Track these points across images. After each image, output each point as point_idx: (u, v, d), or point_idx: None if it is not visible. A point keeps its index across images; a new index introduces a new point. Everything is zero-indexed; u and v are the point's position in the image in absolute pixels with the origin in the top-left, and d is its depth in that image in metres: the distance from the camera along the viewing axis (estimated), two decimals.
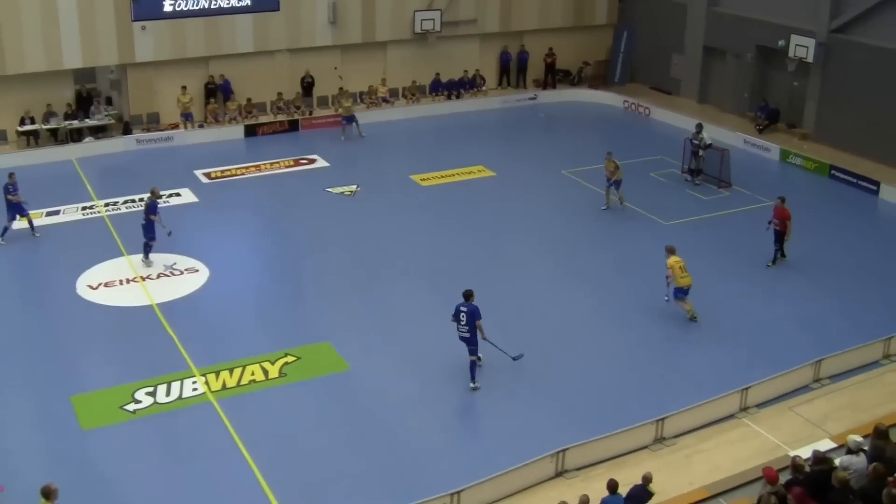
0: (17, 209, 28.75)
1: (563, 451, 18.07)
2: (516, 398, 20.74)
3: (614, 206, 31.15)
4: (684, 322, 24.01)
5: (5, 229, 28.55)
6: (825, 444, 18.16)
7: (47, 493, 15.40)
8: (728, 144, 35.80)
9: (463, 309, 20.86)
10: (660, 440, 19.02)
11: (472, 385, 21.05)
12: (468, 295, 20.97)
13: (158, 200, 27.80)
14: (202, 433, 19.51)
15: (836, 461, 15.80)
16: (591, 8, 46.78)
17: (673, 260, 24.19)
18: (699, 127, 34.27)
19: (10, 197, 28.59)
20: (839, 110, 36.77)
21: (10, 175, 29.11)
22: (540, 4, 45.49)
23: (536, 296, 25.47)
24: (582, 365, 22.08)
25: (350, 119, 39.20)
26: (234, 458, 18.59)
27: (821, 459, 15.69)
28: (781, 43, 38.06)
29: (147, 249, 27.22)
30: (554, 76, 46.16)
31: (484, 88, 44.67)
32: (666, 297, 24.67)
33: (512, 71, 46.13)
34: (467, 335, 20.93)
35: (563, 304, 25.13)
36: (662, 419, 19.04)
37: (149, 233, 27.07)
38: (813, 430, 19.32)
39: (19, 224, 28.77)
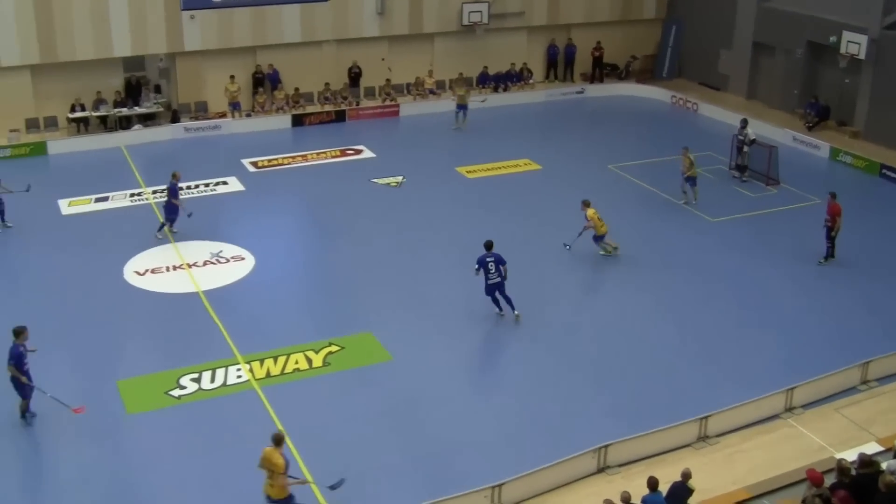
0: None
1: (606, 446, 18.01)
2: (559, 392, 20.68)
3: (689, 199, 31.08)
4: (730, 318, 23.88)
5: None
6: (871, 448, 17.92)
7: (278, 440, 15.94)
8: (777, 141, 35.46)
9: (490, 259, 23.18)
10: (703, 438, 18.90)
11: (515, 313, 23.53)
12: (490, 245, 23.42)
13: (179, 184, 28.35)
14: (245, 420, 19.63)
15: (883, 465, 15.62)
16: (639, 1, 46.54)
17: (591, 212, 26.56)
18: (744, 122, 34.00)
19: None
20: (891, 108, 36.30)
21: None
22: None
23: (581, 291, 25.43)
24: (626, 360, 21.98)
25: (463, 108, 39.05)
26: None
27: (867, 463, 15.50)
28: (833, 39, 37.60)
29: (163, 225, 28.09)
30: (601, 70, 45.95)
31: (531, 81, 44.56)
32: (566, 245, 27.10)
33: (559, 64, 45.97)
34: (498, 279, 23.33)
35: (607, 299, 25.07)
36: (706, 417, 18.92)
37: (170, 214, 27.92)
38: (859, 432, 19.10)
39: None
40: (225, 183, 32.93)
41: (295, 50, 40.71)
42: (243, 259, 26.91)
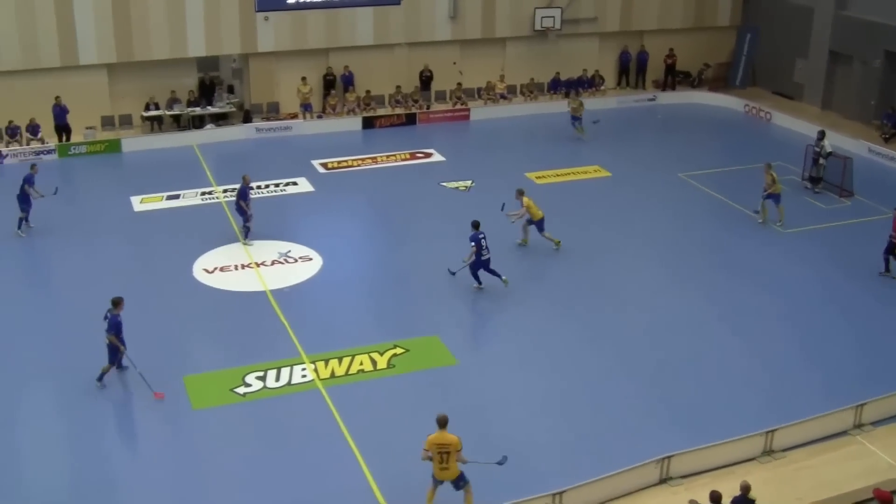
0: (26, 201, 28.72)
1: (669, 457, 17.82)
2: (623, 400, 20.53)
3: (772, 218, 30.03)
4: (798, 331, 23.53)
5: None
6: None
7: (444, 421, 16.42)
8: (852, 153, 34.79)
9: (482, 236, 24.65)
10: (768, 452, 18.61)
11: (503, 279, 25.14)
12: (478, 224, 24.89)
13: (250, 186, 28.56)
14: (309, 420, 19.77)
15: None
16: (713, 9, 46.07)
17: (527, 200, 27.49)
18: (821, 134, 33.45)
19: (27, 188, 28.64)
20: None
21: (33, 167, 29.34)
22: (661, 4, 45.01)
23: (647, 299, 25.17)
24: (692, 370, 21.74)
25: (576, 119, 38.53)
26: (340, 446, 18.80)
27: None
28: None
29: (245, 231, 28.10)
30: (674, 77, 45.55)
31: (602, 88, 44.32)
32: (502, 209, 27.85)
33: (631, 71, 45.66)
34: (488, 256, 24.84)
35: (674, 308, 24.76)
36: (772, 431, 18.63)
37: (242, 216, 28.05)
38: None
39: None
40: (295, 183, 33.22)
41: (367, 52, 40.94)
42: (311, 259, 27.11)
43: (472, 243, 24.65)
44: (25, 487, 17.68)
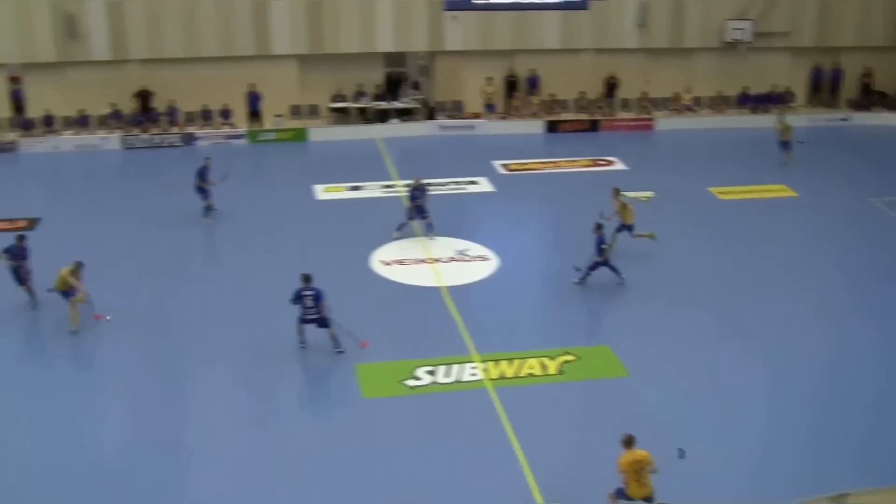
0: (203, 191, 29.36)
1: (844, 494, 17.03)
2: (796, 427, 19.73)
3: None
4: None
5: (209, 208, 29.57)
6: None
7: (631, 440, 16.34)
8: None
9: (604, 237, 25.37)
10: None
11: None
12: (601, 227, 25.33)
13: (421, 190, 28.55)
14: (475, 418, 19.70)
15: None
16: None
17: (621, 201, 27.45)
18: None
19: (199, 182, 29.27)
20: None
21: (206, 159, 29.85)
22: (860, 20, 43.41)
23: (824, 327, 24.13)
24: (868, 406, 20.60)
25: (785, 144, 37.17)
26: (504, 447, 18.67)
27: None
28: None
29: (428, 229, 28.40)
30: (870, 98, 43.86)
31: (793, 105, 43.00)
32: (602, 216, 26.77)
33: (824, 89, 44.16)
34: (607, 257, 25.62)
35: (853, 339, 23.56)
36: None
37: (410, 215, 28.43)
38: None
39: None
40: (475, 182, 33.39)
41: (552, 56, 40.90)
42: (487, 259, 27.17)
43: (604, 245, 25.26)
44: (197, 461, 18.24)
